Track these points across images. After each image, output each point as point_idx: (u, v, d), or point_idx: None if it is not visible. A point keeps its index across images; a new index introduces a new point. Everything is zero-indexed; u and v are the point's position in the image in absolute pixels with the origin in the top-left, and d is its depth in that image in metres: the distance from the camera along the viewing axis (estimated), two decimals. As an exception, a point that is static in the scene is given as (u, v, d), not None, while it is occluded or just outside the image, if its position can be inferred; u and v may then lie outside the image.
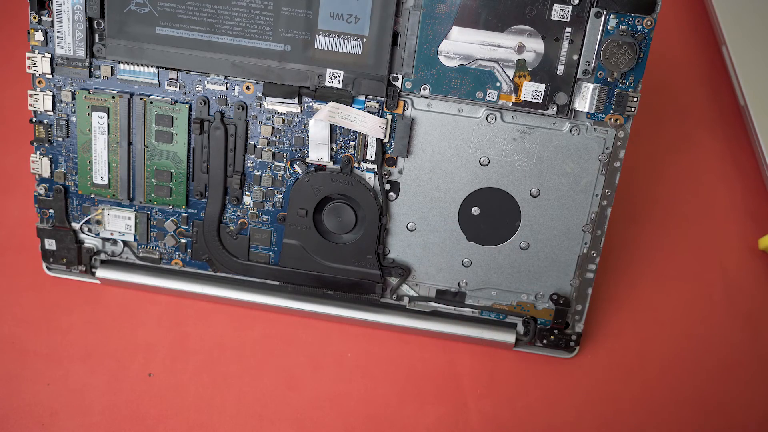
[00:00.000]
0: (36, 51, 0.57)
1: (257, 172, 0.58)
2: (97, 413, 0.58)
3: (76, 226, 0.61)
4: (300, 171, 0.58)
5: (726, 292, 0.64)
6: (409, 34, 0.54)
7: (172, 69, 0.56)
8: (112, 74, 0.57)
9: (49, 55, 0.56)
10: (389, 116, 0.56)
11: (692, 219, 0.67)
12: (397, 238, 0.59)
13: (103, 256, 0.62)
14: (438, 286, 0.60)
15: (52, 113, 0.58)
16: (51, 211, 0.60)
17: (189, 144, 0.58)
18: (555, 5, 0.52)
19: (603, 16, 0.52)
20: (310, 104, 0.56)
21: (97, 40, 0.56)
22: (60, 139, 0.59)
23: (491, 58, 0.54)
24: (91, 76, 0.57)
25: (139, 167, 0.59)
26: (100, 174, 0.59)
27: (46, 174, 0.60)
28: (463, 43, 0.54)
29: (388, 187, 0.58)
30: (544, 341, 0.60)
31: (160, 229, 0.60)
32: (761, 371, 0.61)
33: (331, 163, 0.57)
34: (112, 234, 0.61)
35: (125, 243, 0.61)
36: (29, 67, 0.57)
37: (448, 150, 0.56)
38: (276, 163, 0.58)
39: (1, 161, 0.68)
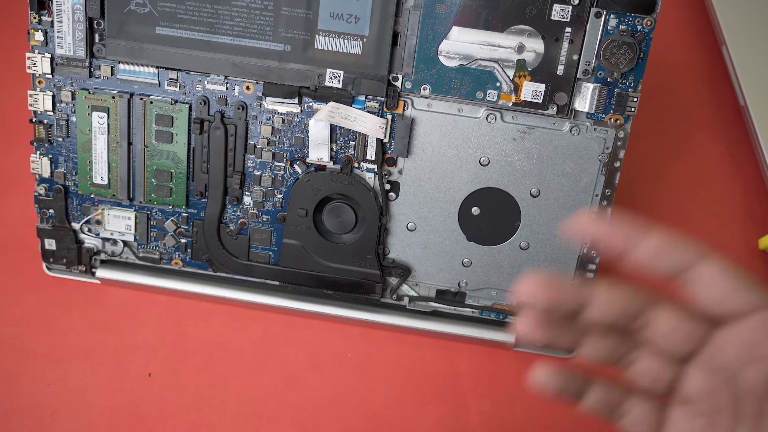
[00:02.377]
0: (36, 51, 0.57)
1: (257, 172, 0.58)
2: (97, 413, 0.58)
3: (76, 226, 0.61)
4: (300, 171, 0.58)
5: (726, 292, 0.64)
6: (409, 34, 0.54)
7: (172, 69, 0.56)
8: (112, 74, 0.57)
9: (49, 55, 0.56)
10: (389, 116, 0.56)
11: (692, 219, 0.67)
12: (397, 238, 0.59)
13: (103, 256, 0.62)
14: (438, 286, 0.60)
15: (52, 113, 0.58)
16: (51, 211, 0.60)
17: (189, 144, 0.58)
18: (555, 5, 0.52)
19: (603, 16, 0.52)
20: (310, 104, 0.56)
21: (97, 40, 0.56)
22: (60, 139, 0.59)
23: (491, 58, 0.54)
24: (91, 76, 0.57)
25: (139, 167, 0.59)
26: (100, 174, 0.59)
27: (46, 174, 0.60)
28: (463, 43, 0.54)
29: (388, 187, 0.58)
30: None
31: (160, 229, 0.60)
32: (761, 371, 0.61)
33: (331, 163, 0.57)
34: (112, 234, 0.61)
35: (125, 243, 0.61)
36: (29, 67, 0.57)
37: (448, 150, 0.56)
38: (276, 163, 0.58)
39: (1, 161, 0.68)
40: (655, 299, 0.35)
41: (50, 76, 0.57)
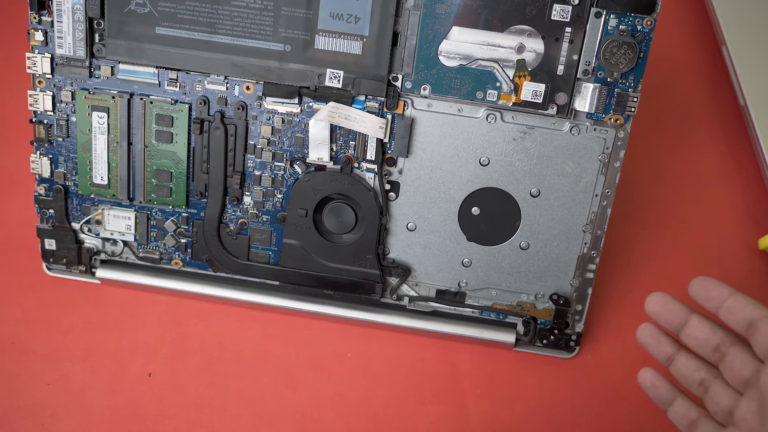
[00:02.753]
0: (36, 51, 0.57)
1: (257, 172, 0.58)
2: (97, 413, 0.58)
3: (76, 226, 0.61)
4: (300, 171, 0.58)
5: (726, 292, 0.64)
6: (409, 34, 0.54)
7: (172, 69, 0.56)
8: (112, 74, 0.57)
9: (49, 55, 0.56)
10: (389, 116, 0.56)
11: (692, 219, 0.67)
12: (397, 238, 0.59)
13: (103, 256, 0.62)
14: (438, 286, 0.60)
15: (52, 113, 0.58)
16: (51, 211, 0.60)
17: (189, 144, 0.58)
18: (555, 5, 0.52)
19: (603, 16, 0.52)
20: (310, 104, 0.56)
21: (97, 40, 0.56)
22: (60, 139, 0.59)
23: (491, 58, 0.54)
24: (91, 76, 0.57)
25: (139, 167, 0.59)
26: (100, 174, 0.59)
27: (46, 174, 0.60)
28: (463, 43, 0.54)
29: (388, 187, 0.58)
30: (544, 341, 0.60)
31: (160, 229, 0.60)
32: (761, 371, 0.61)
33: (331, 163, 0.57)
34: (112, 234, 0.61)
35: (125, 243, 0.61)
36: (29, 67, 0.57)
37: (448, 150, 0.56)
38: (276, 163, 0.58)
39: (1, 161, 0.68)
40: (732, 338, 0.44)
41: (50, 76, 0.57)
